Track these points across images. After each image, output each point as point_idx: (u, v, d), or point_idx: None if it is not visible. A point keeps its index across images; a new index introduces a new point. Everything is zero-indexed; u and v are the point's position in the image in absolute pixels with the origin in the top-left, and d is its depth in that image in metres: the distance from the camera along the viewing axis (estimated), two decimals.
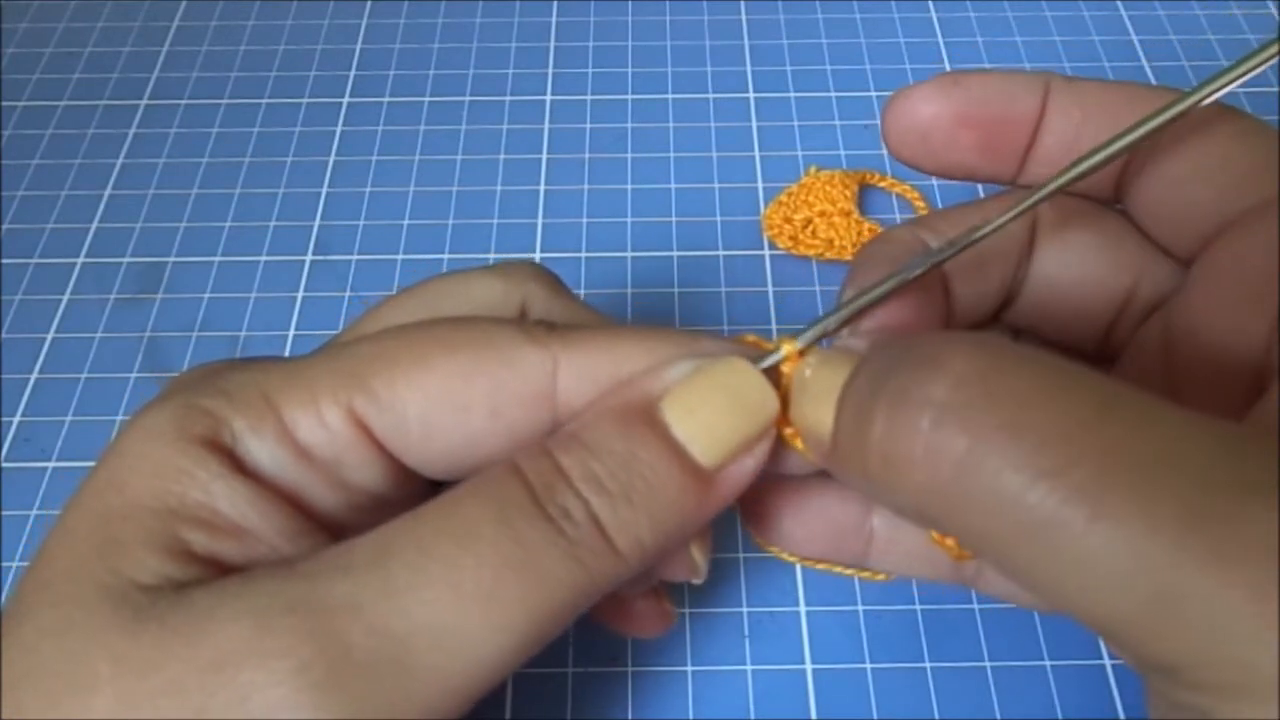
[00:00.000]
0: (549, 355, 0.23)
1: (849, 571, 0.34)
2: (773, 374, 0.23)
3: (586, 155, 0.48)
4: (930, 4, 0.55)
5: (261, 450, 0.22)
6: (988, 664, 0.33)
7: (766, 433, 0.23)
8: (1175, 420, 0.16)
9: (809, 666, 0.33)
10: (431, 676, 0.19)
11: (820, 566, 0.34)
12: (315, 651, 0.19)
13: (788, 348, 0.23)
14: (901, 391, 0.18)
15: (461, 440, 0.23)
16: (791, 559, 0.34)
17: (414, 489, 0.25)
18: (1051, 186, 0.22)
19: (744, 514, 0.26)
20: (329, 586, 0.19)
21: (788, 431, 0.23)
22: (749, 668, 0.33)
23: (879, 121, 0.26)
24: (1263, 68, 0.21)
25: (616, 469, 0.21)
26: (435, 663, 0.19)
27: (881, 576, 0.34)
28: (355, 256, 0.45)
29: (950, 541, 0.23)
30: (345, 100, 0.51)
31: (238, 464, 0.22)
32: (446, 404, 0.22)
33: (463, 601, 0.19)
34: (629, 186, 0.47)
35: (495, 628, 0.19)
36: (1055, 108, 0.25)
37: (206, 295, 0.43)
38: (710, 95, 0.51)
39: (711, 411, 0.22)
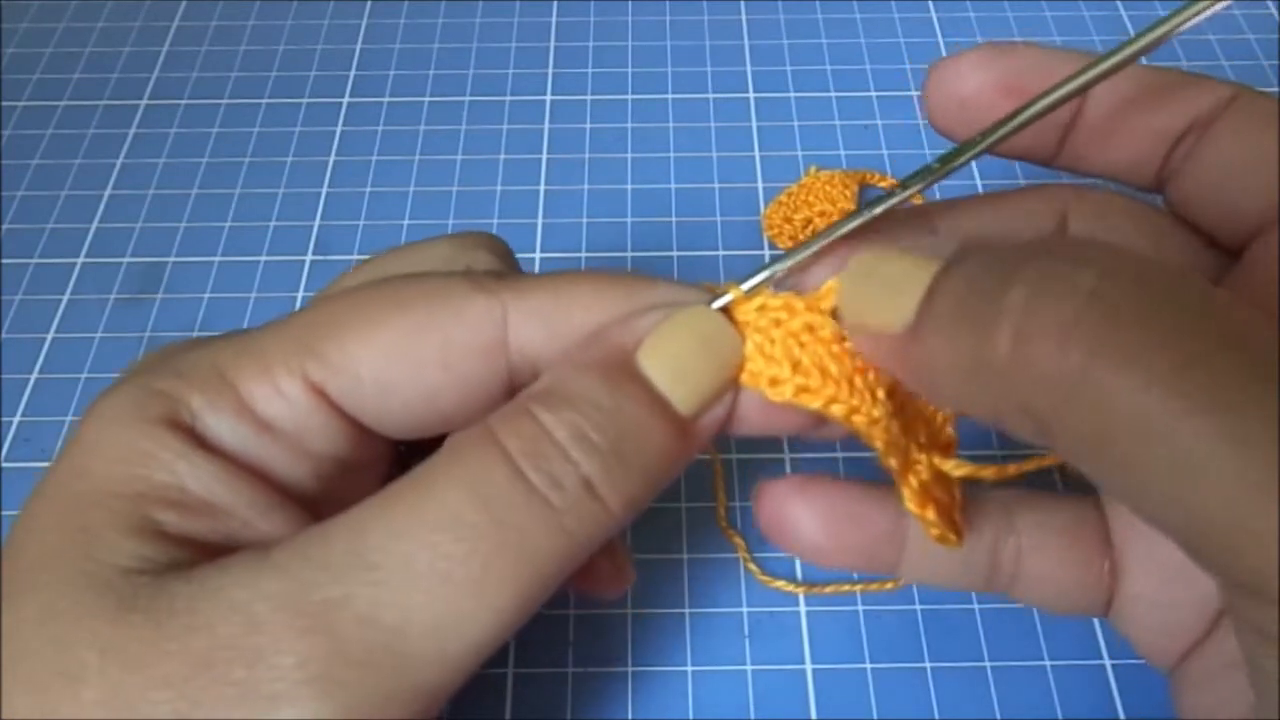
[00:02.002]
0: (498, 303, 0.22)
1: (857, 588, 0.34)
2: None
3: (586, 155, 0.48)
4: (930, 4, 0.55)
5: (221, 426, 0.22)
6: (988, 664, 0.33)
7: (735, 379, 0.23)
8: None
9: (809, 666, 0.33)
10: (427, 663, 0.19)
11: (828, 590, 0.34)
12: (310, 646, 0.19)
13: (735, 291, 0.23)
14: (1047, 274, 0.17)
15: (418, 395, 0.22)
16: (795, 590, 0.34)
17: (378, 451, 0.25)
18: (992, 139, 0.22)
19: (767, 528, 0.25)
20: (313, 580, 0.19)
21: (743, 376, 0.23)
22: (749, 668, 0.33)
23: (921, 88, 0.26)
24: (1200, 18, 0.21)
25: (604, 423, 0.21)
26: (430, 649, 0.19)
27: (890, 585, 0.34)
28: (355, 256, 0.45)
29: (931, 515, 0.23)
30: (345, 100, 0.51)
31: (200, 442, 0.22)
32: (398, 360, 0.22)
33: (452, 590, 0.19)
34: (629, 186, 0.47)
35: (487, 609, 0.19)
36: (1102, 87, 0.24)
37: (206, 295, 0.43)
38: (710, 95, 0.51)
39: (687, 360, 0.22)
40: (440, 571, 0.19)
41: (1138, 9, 0.54)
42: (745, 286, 0.23)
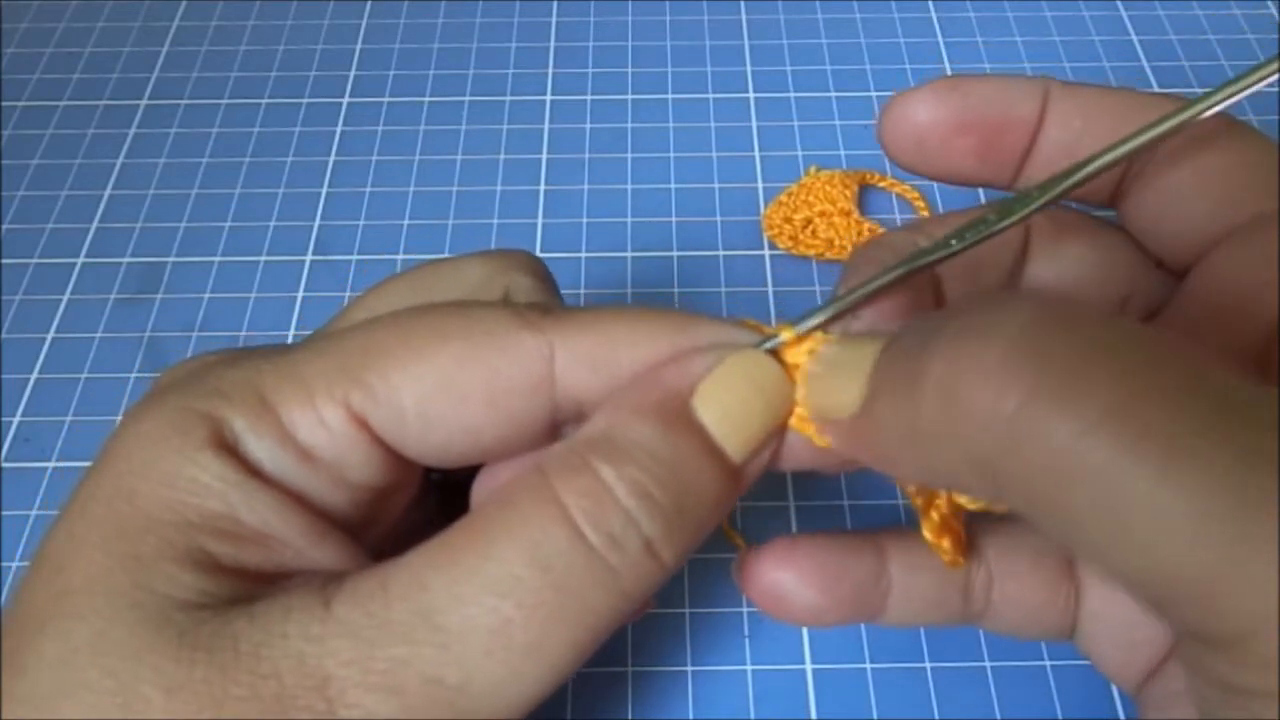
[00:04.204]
0: (545, 340, 0.22)
1: None
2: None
3: (586, 155, 0.48)
4: (930, 4, 0.55)
5: (263, 452, 0.22)
6: (988, 664, 0.33)
7: (785, 424, 0.22)
8: (1235, 379, 0.16)
9: (809, 666, 0.33)
10: (487, 717, 0.20)
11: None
12: (377, 701, 0.19)
13: (787, 334, 0.23)
14: (968, 327, 0.17)
15: (461, 429, 0.22)
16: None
17: (412, 476, 0.24)
18: (1053, 193, 0.22)
19: (762, 602, 0.25)
20: (378, 639, 0.19)
21: (791, 420, 0.23)
22: (749, 668, 0.33)
23: (876, 124, 0.26)
24: (1266, 81, 0.21)
25: (665, 476, 0.20)
26: (490, 705, 0.20)
27: None
28: (355, 256, 0.45)
29: (947, 544, 0.23)
30: (345, 100, 0.51)
31: (250, 469, 0.21)
32: (443, 395, 0.22)
33: (513, 653, 0.19)
34: (629, 186, 0.47)
35: (544, 668, 0.20)
36: (1055, 114, 0.24)
37: (206, 295, 0.43)
38: (710, 95, 0.51)
39: (742, 407, 0.22)
40: (502, 635, 0.19)
41: (1138, 9, 0.54)
42: (798, 330, 0.23)
